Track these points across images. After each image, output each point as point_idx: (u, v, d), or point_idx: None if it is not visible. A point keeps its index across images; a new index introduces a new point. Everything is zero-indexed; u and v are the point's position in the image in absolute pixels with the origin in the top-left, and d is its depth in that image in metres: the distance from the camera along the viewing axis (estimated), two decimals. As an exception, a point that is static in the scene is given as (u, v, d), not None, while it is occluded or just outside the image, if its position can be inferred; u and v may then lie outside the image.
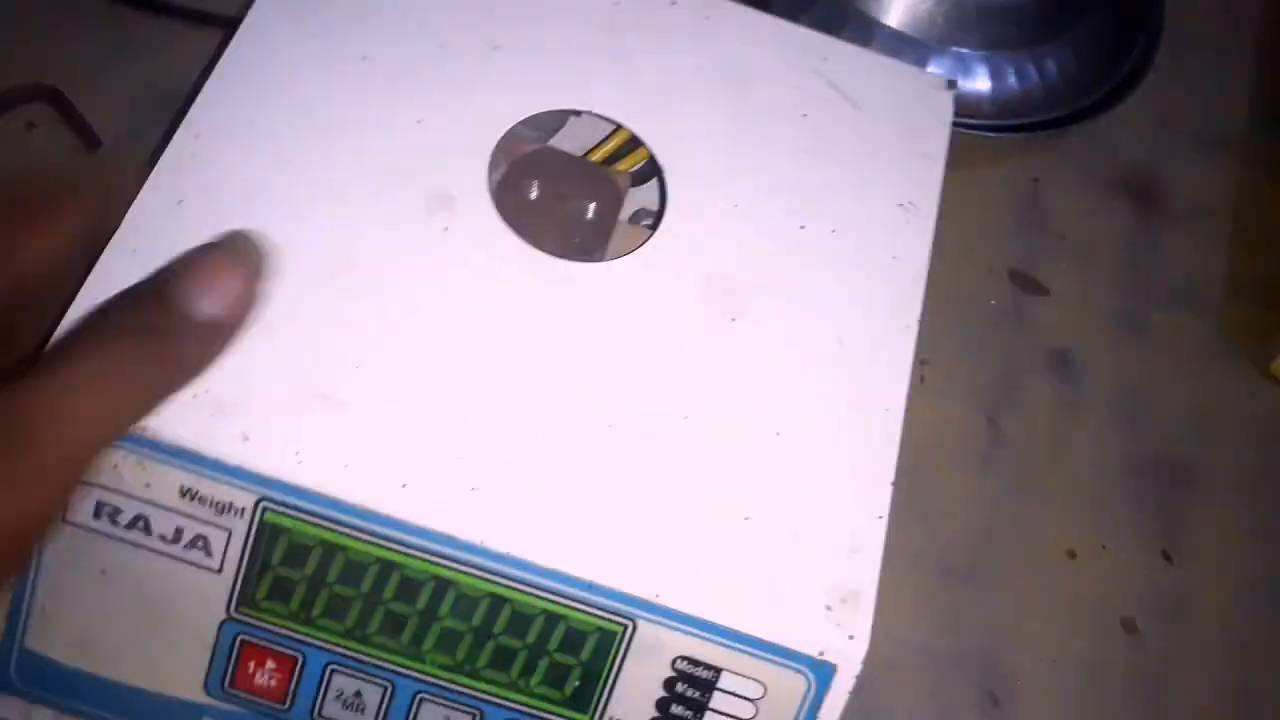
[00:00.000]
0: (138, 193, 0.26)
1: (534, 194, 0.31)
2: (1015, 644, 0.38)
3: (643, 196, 0.33)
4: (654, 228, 0.30)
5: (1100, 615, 0.40)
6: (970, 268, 0.45)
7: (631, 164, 0.32)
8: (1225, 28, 0.55)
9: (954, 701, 0.37)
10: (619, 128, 0.32)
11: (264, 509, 0.24)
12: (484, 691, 0.25)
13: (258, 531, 0.24)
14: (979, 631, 0.38)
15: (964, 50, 0.44)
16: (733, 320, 0.28)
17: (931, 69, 0.44)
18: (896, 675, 0.37)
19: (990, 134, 0.45)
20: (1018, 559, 0.40)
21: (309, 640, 0.25)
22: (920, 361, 0.42)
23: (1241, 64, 0.54)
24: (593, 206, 0.31)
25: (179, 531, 0.24)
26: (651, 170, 0.31)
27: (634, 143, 0.31)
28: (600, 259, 0.30)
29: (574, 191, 0.31)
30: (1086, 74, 0.47)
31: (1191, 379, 0.45)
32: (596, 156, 0.32)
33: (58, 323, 0.24)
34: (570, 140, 0.32)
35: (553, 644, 0.24)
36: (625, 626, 0.24)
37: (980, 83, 0.44)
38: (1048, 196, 0.48)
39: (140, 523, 0.24)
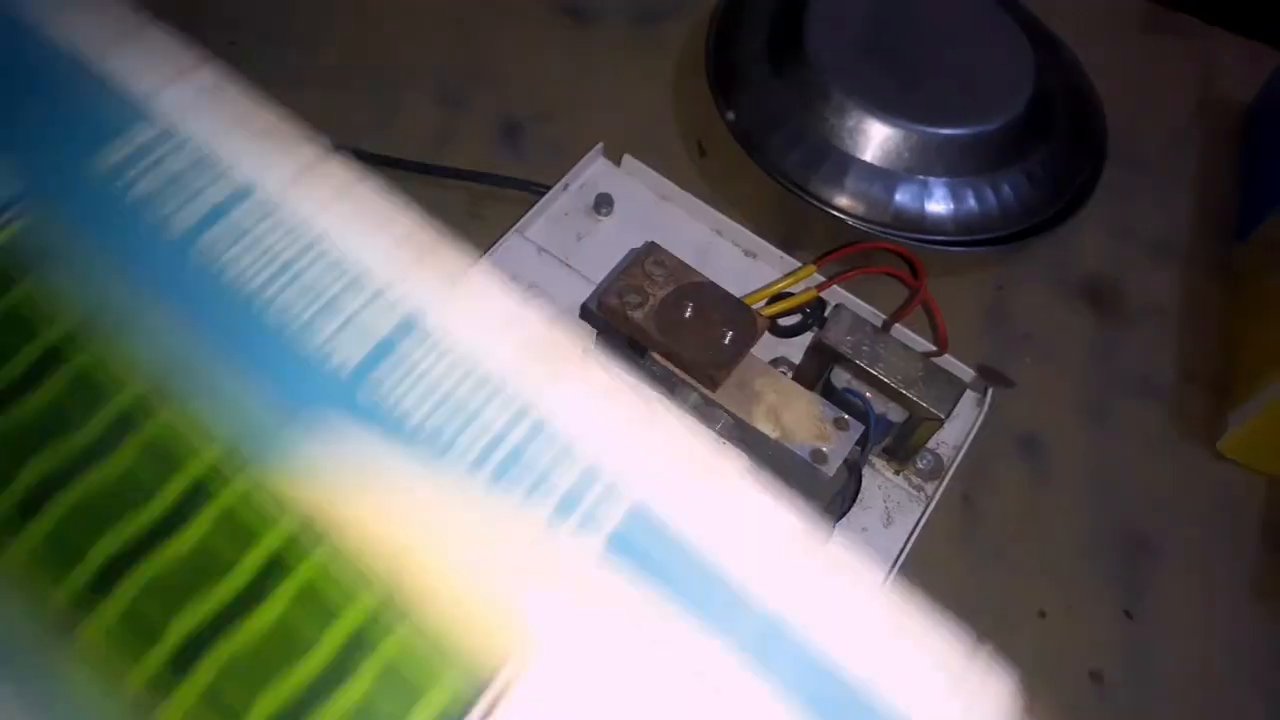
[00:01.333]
0: None
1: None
2: (993, 694, 0.43)
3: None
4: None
5: (1069, 667, 0.45)
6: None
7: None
8: (1163, 149, 0.62)
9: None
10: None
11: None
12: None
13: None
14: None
15: (927, 178, 0.52)
16: None
17: (899, 195, 0.51)
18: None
19: (954, 249, 0.52)
20: (992, 619, 0.45)
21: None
22: (901, 447, 0.48)
23: (1179, 180, 0.61)
24: (730, 334, 0.39)
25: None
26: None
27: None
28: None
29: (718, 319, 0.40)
30: (1038, 195, 0.54)
31: (1148, 458, 0.51)
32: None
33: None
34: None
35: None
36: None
37: (943, 205, 0.52)
38: (1011, 301, 0.55)
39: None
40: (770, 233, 0.53)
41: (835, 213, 0.52)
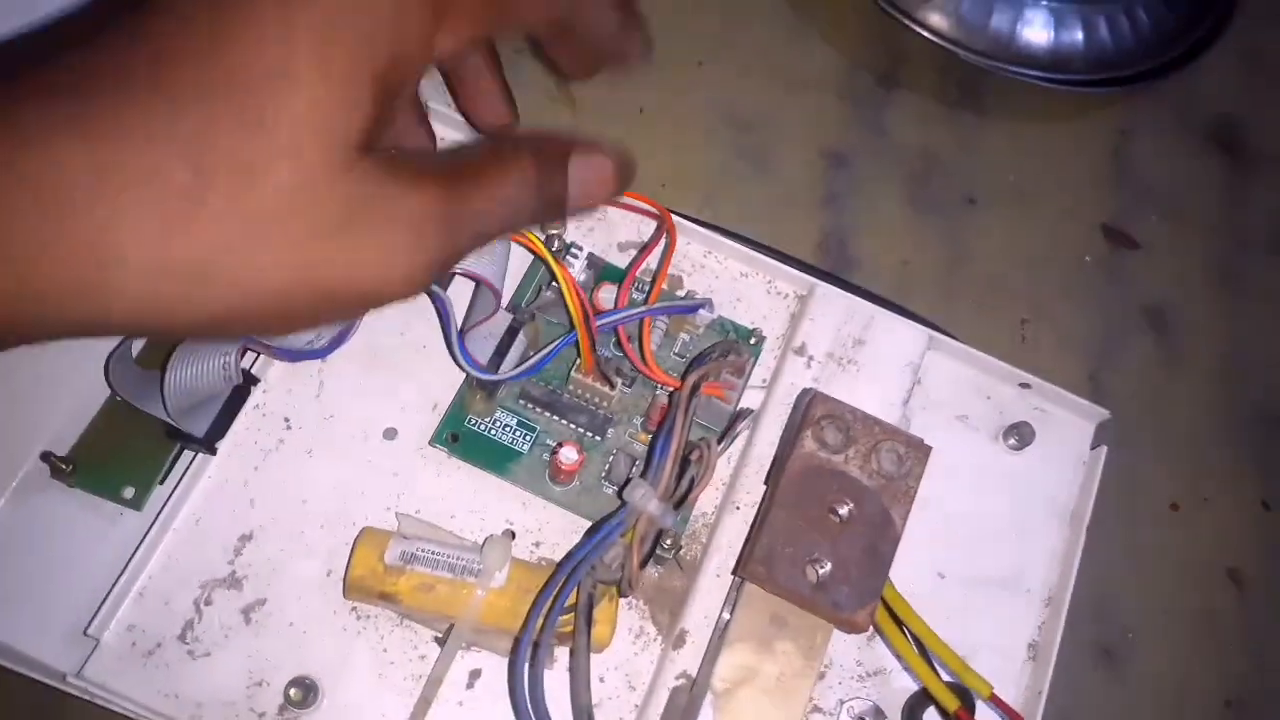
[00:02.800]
0: None
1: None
2: (1125, 597, 0.39)
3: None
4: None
5: (1206, 566, 0.40)
6: (1064, 223, 0.45)
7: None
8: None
9: (1066, 654, 0.38)
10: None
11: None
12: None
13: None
14: (1088, 585, 0.39)
15: (1056, 4, 0.44)
16: None
17: (1031, 12, 0.44)
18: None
19: (1082, 89, 0.45)
20: (1123, 512, 0.40)
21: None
22: (1021, 320, 0.43)
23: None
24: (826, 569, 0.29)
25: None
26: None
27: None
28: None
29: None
30: (1176, 22, 0.46)
31: (1284, 329, 0.45)
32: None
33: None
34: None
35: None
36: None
37: (1074, 36, 0.44)
38: (1135, 149, 0.48)
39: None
40: (868, 69, 0.46)
41: (934, 38, 0.44)
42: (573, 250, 0.36)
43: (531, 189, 0.24)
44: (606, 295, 0.35)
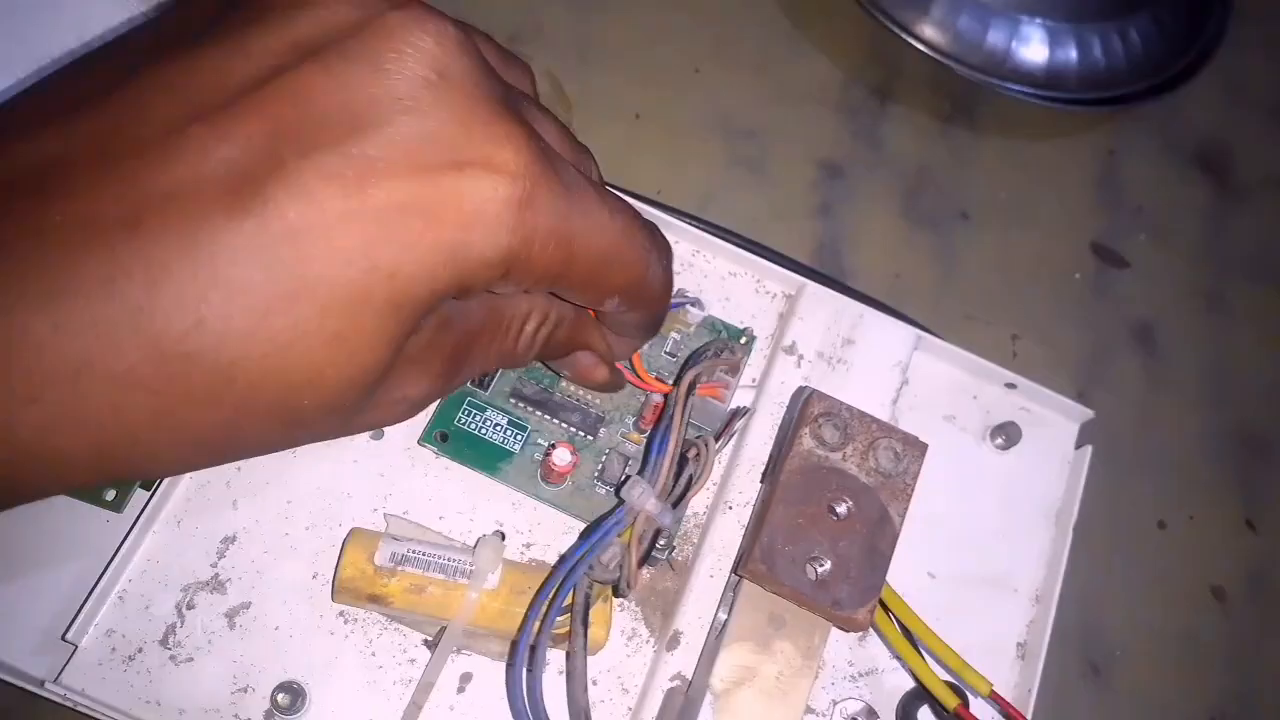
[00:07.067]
0: None
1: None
2: (1113, 614, 0.39)
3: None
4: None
5: (1190, 583, 0.40)
6: (1054, 240, 0.45)
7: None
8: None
9: (1056, 670, 0.38)
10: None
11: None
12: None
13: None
14: (1077, 602, 0.39)
15: (1052, 22, 0.44)
16: None
17: (1027, 29, 0.44)
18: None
19: (1074, 107, 0.45)
20: (1111, 529, 0.40)
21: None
22: (1012, 336, 0.43)
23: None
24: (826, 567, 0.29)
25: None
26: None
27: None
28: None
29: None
30: (1166, 46, 0.47)
31: (1271, 352, 0.46)
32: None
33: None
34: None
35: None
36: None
37: (1069, 55, 0.44)
38: (1124, 169, 0.48)
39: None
40: (864, 81, 0.46)
41: (930, 53, 0.44)
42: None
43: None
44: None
